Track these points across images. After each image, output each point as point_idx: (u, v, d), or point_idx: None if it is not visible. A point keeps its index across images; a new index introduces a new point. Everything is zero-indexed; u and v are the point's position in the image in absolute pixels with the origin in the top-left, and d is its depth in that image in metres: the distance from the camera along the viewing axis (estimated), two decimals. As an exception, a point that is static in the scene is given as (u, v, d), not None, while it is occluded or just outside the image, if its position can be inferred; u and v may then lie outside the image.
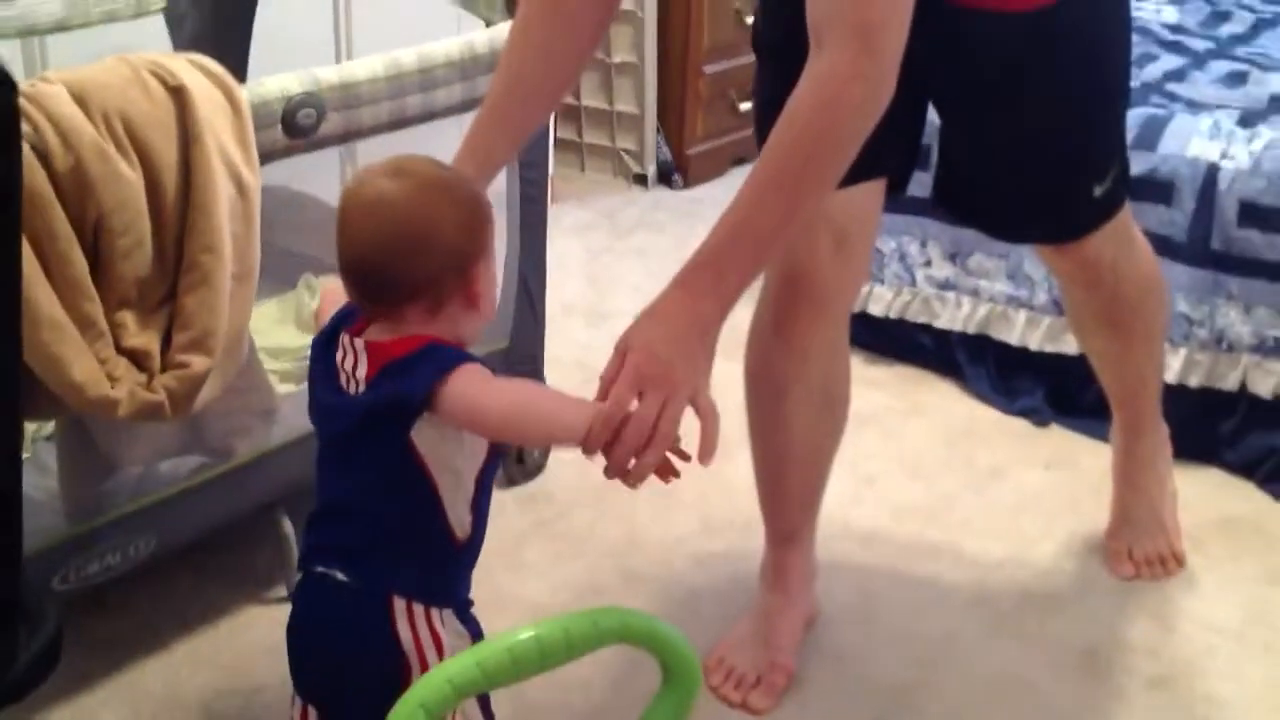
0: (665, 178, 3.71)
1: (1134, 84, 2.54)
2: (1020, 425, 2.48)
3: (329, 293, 1.40)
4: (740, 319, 1.72)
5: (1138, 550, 2.05)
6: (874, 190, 1.67)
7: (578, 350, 2.56)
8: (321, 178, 2.19)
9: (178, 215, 1.50)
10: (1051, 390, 2.51)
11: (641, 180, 3.71)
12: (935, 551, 2.11)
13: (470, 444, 1.25)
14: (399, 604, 1.25)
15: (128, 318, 1.48)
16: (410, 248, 1.22)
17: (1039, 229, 1.82)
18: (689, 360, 1.24)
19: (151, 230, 1.48)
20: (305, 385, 1.33)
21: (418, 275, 1.23)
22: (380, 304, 1.25)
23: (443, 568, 1.29)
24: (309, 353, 1.34)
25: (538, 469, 2.28)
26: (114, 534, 1.66)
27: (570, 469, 2.29)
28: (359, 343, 1.25)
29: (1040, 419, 2.48)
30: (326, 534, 1.29)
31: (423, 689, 1.03)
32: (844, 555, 2.08)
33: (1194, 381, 2.31)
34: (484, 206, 1.29)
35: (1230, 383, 2.29)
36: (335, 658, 1.28)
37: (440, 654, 1.25)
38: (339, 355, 1.27)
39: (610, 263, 3.17)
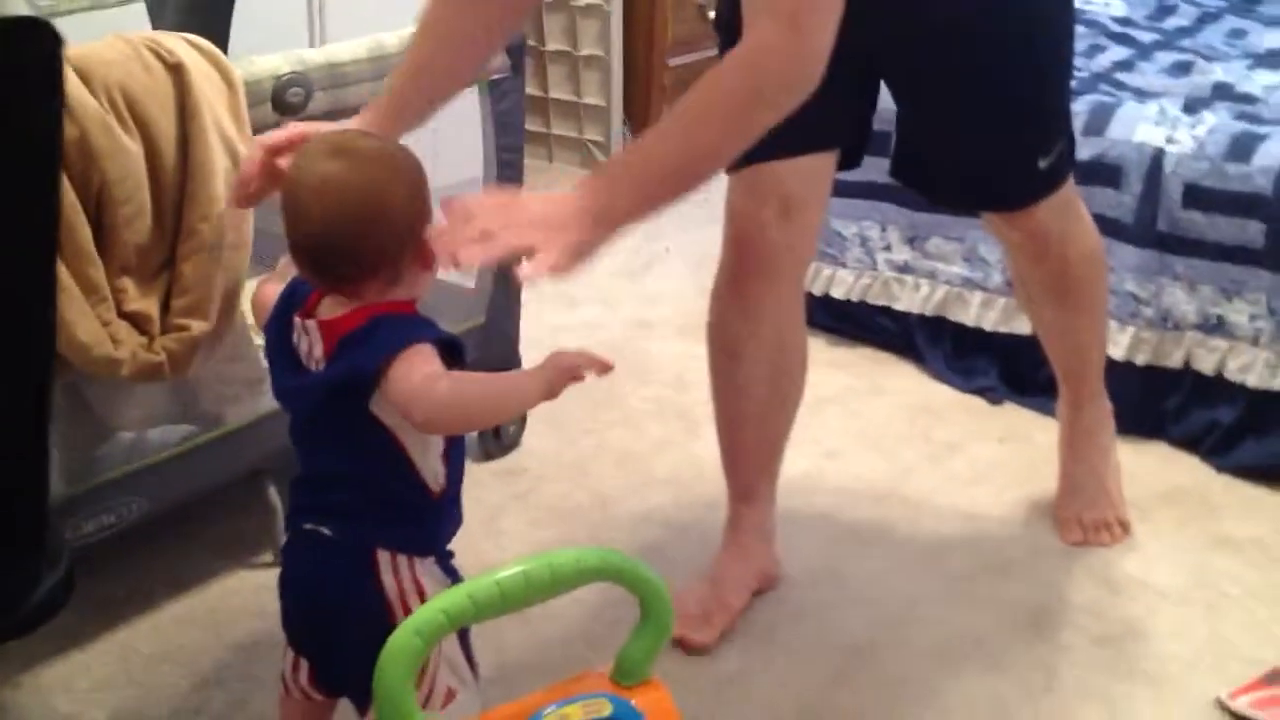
0: (632, 168, 3.76)
1: (1084, 74, 2.63)
2: (976, 403, 2.55)
3: (264, 291, 1.39)
4: (701, 302, 1.82)
5: (1085, 517, 2.12)
6: (823, 161, 1.75)
7: (549, 332, 2.63)
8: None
9: (176, 186, 1.56)
10: (1005, 370, 2.57)
11: (608, 171, 3.77)
12: (894, 520, 2.19)
13: None
14: (383, 556, 1.28)
15: (128, 283, 1.53)
16: (365, 228, 1.22)
17: (986, 197, 1.89)
18: (559, 223, 1.27)
19: (151, 200, 1.53)
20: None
21: (375, 251, 1.23)
22: (339, 282, 1.25)
23: (422, 520, 1.32)
24: None
25: (513, 444, 2.34)
26: (108, 496, 1.72)
27: (544, 443, 2.36)
28: (311, 324, 1.26)
29: (995, 397, 2.55)
30: (309, 496, 1.33)
31: (418, 619, 1.08)
32: (809, 523, 2.15)
33: (1141, 359, 2.36)
34: (422, 170, 1.29)
35: (1175, 360, 2.35)
36: (324, 609, 1.31)
37: (423, 601, 1.27)
38: (294, 337, 1.28)
39: (579, 249, 3.23)
